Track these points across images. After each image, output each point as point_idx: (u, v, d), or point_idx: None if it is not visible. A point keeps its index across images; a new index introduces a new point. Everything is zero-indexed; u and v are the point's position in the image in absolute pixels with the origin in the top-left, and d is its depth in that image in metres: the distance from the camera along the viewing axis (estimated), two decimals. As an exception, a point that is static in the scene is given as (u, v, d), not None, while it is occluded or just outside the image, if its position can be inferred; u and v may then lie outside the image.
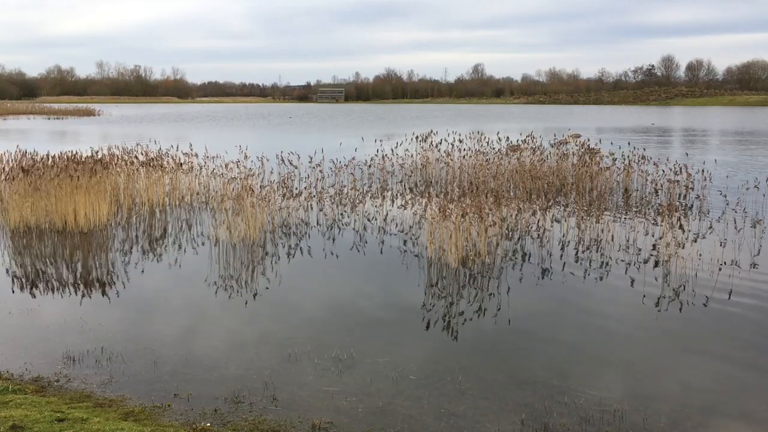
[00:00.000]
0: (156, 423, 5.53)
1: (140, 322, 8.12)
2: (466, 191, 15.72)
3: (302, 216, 14.18)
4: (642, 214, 14.43)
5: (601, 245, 11.64)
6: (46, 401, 5.80)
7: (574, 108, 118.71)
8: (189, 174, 16.88)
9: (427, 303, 8.73)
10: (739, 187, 16.97)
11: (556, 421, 5.64)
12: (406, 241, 12.01)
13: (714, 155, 27.47)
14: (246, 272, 10.20)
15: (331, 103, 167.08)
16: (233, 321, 8.13)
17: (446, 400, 6.01)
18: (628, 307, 8.64)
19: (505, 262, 10.56)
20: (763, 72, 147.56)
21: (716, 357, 7.09)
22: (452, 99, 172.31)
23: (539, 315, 8.38)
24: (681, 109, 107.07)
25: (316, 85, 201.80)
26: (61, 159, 14.78)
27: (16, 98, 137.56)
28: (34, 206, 12.98)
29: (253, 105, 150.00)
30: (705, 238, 12.18)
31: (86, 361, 6.86)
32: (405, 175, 19.42)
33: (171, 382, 6.36)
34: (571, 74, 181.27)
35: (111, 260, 10.94)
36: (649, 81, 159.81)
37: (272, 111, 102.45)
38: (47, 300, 8.96)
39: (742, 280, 9.66)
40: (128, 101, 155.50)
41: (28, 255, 11.34)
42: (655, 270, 10.16)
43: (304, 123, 62.17)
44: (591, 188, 17.45)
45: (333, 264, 10.72)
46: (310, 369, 6.66)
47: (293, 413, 5.76)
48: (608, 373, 6.66)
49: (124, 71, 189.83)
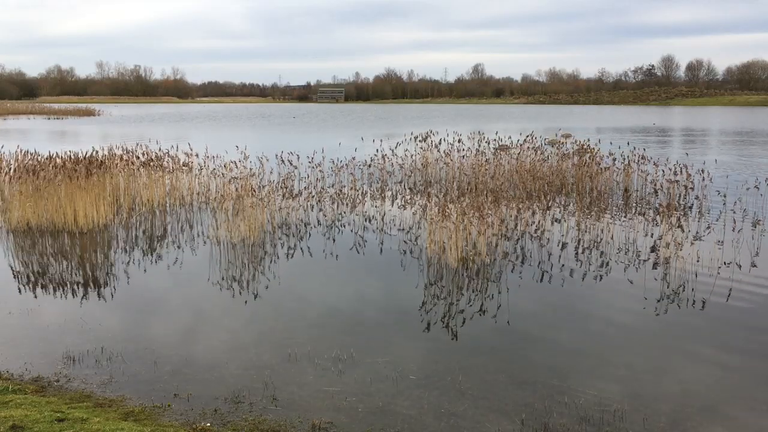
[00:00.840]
0: (156, 423, 5.53)
1: (140, 322, 8.12)
2: (464, 191, 15.74)
3: (302, 216, 14.18)
4: (642, 215, 14.42)
5: (600, 245, 11.64)
6: (46, 401, 5.80)
7: (574, 108, 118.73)
8: (189, 174, 16.89)
9: (426, 303, 8.73)
10: (737, 187, 16.97)
11: (556, 421, 5.64)
12: (405, 242, 12.01)
13: (714, 155, 27.47)
14: (246, 272, 10.21)
15: (331, 103, 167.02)
16: (233, 321, 8.13)
17: (446, 400, 6.01)
18: (628, 307, 8.64)
19: (505, 262, 10.56)
20: (763, 72, 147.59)
21: (716, 357, 7.09)
22: (452, 99, 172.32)
23: (539, 315, 8.38)
24: (681, 109, 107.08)
25: (316, 85, 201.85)
26: (60, 159, 14.78)
27: (16, 98, 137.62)
28: (34, 206, 12.98)
29: (253, 105, 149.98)
30: (704, 238, 12.18)
31: (86, 361, 6.86)
32: (405, 175, 19.43)
33: (171, 382, 6.36)
34: (571, 74, 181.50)
35: (111, 260, 10.95)
36: (649, 81, 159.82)
37: (273, 111, 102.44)
38: (47, 300, 8.96)
39: (741, 280, 9.66)
40: (128, 101, 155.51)
41: (29, 255, 11.35)
42: (654, 270, 10.17)
43: (305, 123, 62.18)
44: (591, 188, 17.46)
45: (333, 264, 10.73)
46: (310, 369, 6.66)
47: (293, 413, 5.77)
48: (608, 373, 6.66)
49: (124, 71, 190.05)
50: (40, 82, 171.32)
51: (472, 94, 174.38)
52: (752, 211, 14.72)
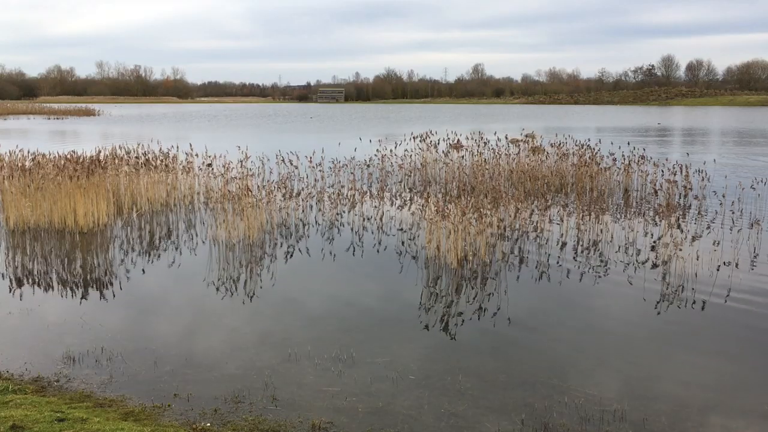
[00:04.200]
0: (156, 423, 5.53)
1: (140, 322, 8.12)
2: (461, 192, 15.74)
3: (301, 216, 14.19)
4: (641, 215, 14.43)
5: (600, 245, 11.64)
6: (46, 401, 5.80)
7: (575, 108, 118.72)
8: (189, 174, 16.89)
9: (426, 303, 8.74)
10: (736, 187, 16.96)
11: (556, 421, 5.64)
12: (404, 241, 12.01)
13: (717, 155, 27.46)
14: (246, 272, 10.21)
15: (331, 104, 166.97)
16: (233, 321, 8.14)
17: (446, 400, 6.01)
18: (628, 307, 8.65)
19: (504, 262, 10.56)
20: (763, 72, 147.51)
21: (716, 357, 7.09)
22: (452, 99, 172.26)
23: (539, 315, 8.38)
24: (681, 109, 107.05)
25: (316, 85, 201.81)
26: (59, 159, 14.78)
27: (16, 98, 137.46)
28: (34, 206, 12.98)
29: (254, 105, 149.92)
30: (703, 238, 12.17)
31: (86, 361, 6.87)
32: (404, 175, 19.43)
33: (171, 382, 6.37)
34: (571, 74, 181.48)
35: (111, 260, 10.95)
36: (649, 81, 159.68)
37: (277, 111, 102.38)
38: (47, 300, 8.96)
39: (740, 280, 9.66)
40: (128, 101, 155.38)
41: (29, 255, 11.35)
42: (654, 270, 10.17)
43: (309, 123, 62.18)
44: (591, 188, 17.46)
45: (332, 264, 10.73)
46: (310, 369, 6.66)
47: (293, 413, 5.77)
48: (608, 372, 6.66)
49: (124, 71, 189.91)
50: (40, 82, 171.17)
51: (472, 94, 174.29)
52: (752, 212, 14.71)
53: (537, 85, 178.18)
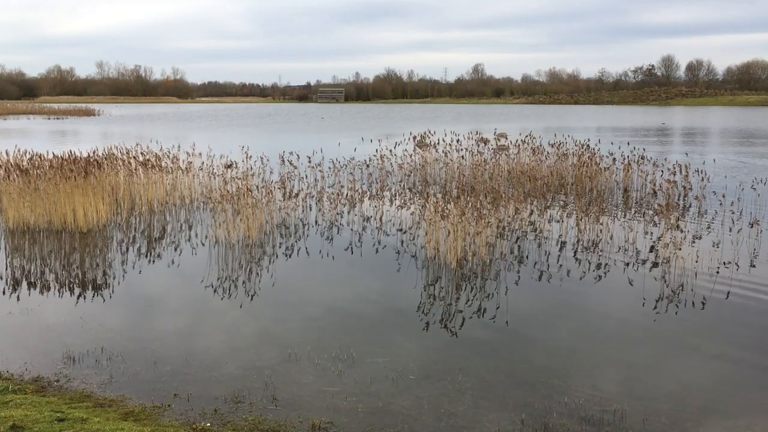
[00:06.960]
0: (156, 423, 5.53)
1: (140, 322, 8.12)
2: (461, 192, 15.73)
3: (301, 216, 14.19)
4: (641, 215, 14.43)
5: (600, 245, 11.64)
6: (46, 401, 5.81)
7: (575, 108, 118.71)
8: (189, 174, 16.89)
9: (426, 303, 8.74)
10: (736, 187, 16.96)
11: (556, 421, 5.64)
12: (404, 241, 12.01)
13: (720, 155, 27.45)
14: (245, 272, 10.21)
15: (331, 104, 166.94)
16: (233, 321, 8.14)
17: (446, 400, 6.01)
18: (627, 307, 8.65)
19: (504, 262, 10.56)
20: (763, 72, 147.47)
21: (715, 356, 7.10)
22: (452, 99, 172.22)
23: (539, 315, 8.38)
24: (682, 109, 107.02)
25: (316, 85, 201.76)
26: (58, 159, 14.78)
27: (16, 98, 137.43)
28: (33, 206, 12.98)
29: (254, 105, 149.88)
30: (703, 238, 12.18)
31: (86, 361, 6.87)
32: (404, 176, 19.44)
33: (171, 382, 6.37)
34: (571, 74, 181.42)
35: (111, 260, 10.95)
36: (649, 81, 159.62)
37: (277, 110, 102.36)
38: (47, 300, 8.96)
39: (740, 280, 9.66)
40: (128, 101, 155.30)
41: (28, 255, 11.35)
42: (653, 270, 10.17)
43: (309, 123, 62.18)
44: (590, 188, 17.46)
45: (332, 264, 10.73)
46: (310, 369, 6.67)
47: (293, 413, 5.77)
48: (608, 372, 6.66)
49: (124, 71, 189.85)
50: (40, 82, 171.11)
51: (472, 94, 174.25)
52: (752, 212, 14.71)
53: (537, 85, 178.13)
